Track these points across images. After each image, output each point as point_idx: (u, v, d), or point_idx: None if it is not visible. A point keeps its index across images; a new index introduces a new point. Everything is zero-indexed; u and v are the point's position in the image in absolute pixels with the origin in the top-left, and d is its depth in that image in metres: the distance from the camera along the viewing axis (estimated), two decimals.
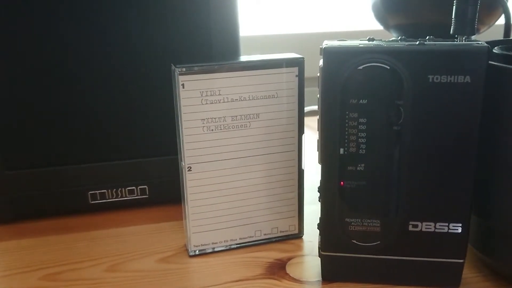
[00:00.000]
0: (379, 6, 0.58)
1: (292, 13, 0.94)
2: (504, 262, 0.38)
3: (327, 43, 0.35)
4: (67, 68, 0.47)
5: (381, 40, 0.36)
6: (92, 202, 0.51)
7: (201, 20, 0.49)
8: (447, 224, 0.37)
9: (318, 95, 0.36)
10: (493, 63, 0.35)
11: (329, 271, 0.40)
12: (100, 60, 0.48)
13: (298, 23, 0.93)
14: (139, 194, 0.52)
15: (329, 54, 0.35)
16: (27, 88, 0.47)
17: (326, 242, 0.39)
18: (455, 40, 0.35)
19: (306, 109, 0.44)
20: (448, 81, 0.34)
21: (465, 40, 0.35)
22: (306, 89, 0.43)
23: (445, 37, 0.36)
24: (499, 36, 0.54)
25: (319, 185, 0.38)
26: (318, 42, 0.41)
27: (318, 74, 0.36)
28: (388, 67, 0.34)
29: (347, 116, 0.35)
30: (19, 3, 0.45)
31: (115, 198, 0.52)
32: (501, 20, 0.56)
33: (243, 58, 0.43)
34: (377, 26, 0.62)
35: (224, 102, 0.41)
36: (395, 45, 0.34)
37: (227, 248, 0.45)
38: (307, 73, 0.42)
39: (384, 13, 0.58)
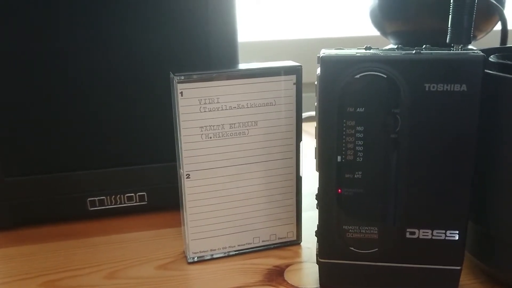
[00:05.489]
0: (376, 13, 0.58)
1: (290, 19, 0.94)
2: (501, 269, 0.38)
3: (324, 52, 0.35)
4: (66, 75, 0.48)
5: (378, 48, 0.36)
6: (91, 208, 0.51)
7: (199, 27, 0.49)
8: (444, 231, 0.37)
9: (315, 103, 0.36)
10: (489, 71, 0.35)
11: (327, 278, 0.40)
12: (99, 68, 0.48)
13: (296, 28, 0.94)
14: (138, 201, 0.52)
15: (327, 63, 0.35)
16: (26, 95, 0.47)
17: (324, 249, 0.39)
18: (452, 48, 0.35)
19: (304, 115, 0.45)
20: (445, 89, 0.34)
21: (461, 48, 0.35)
22: (304, 95, 0.43)
23: (443, 45, 0.36)
24: (497, 42, 0.55)
25: (317, 192, 0.38)
26: (316, 48, 0.42)
27: (316, 82, 0.36)
28: (385, 76, 0.34)
29: (344, 124, 0.36)
30: (18, 9, 0.45)
31: (114, 205, 0.52)
32: (499, 26, 0.56)
33: (242, 66, 0.44)
34: (375, 32, 0.62)
35: (222, 110, 0.41)
36: (392, 54, 0.35)
37: (226, 255, 0.45)
38: (305, 79, 0.43)
39: (381, 19, 0.58)
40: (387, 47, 0.41)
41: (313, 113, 0.37)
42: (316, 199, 0.38)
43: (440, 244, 0.37)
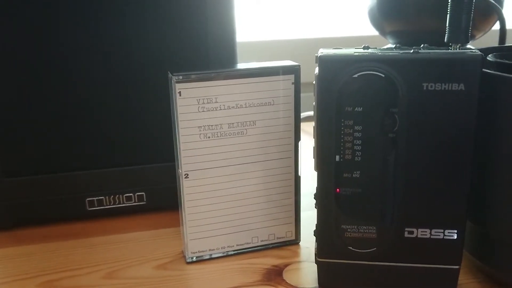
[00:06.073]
0: (375, 12, 0.58)
1: (288, 19, 0.94)
2: (500, 269, 0.38)
3: (322, 52, 0.35)
4: (65, 75, 0.48)
5: (376, 48, 0.36)
6: (90, 208, 0.51)
7: (198, 26, 0.49)
8: (442, 231, 0.37)
9: (314, 103, 0.36)
10: (486, 70, 0.35)
11: (325, 278, 0.40)
12: (98, 68, 0.48)
13: (294, 28, 0.94)
14: (136, 201, 0.52)
15: (325, 63, 0.35)
16: (25, 95, 0.47)
17: (323, 248, 0.39)
18: (450, 48, 0.35)
19: (302, 114, 0.45)
20: (443, 88, 0.34)
21: (459, 48, 0.35)
22: (302, 95, 0.43)
23: (441, 44, 0.36)
24: (495, 41, 0.55)
25: (315, 191, 0.38)
26: (314, 48, 0.42)
27: (314, 82, 0.36)
28: (383, 75, 0.34)
29: (342, 124, 0.36)
30: (18, 9, 0.45)
31: (112, 205, 0.52)
32: (497, 26, 0.56)
33: (240, 65, 0.44)
34: (373, 32, 0.62)
35: (220, 109, 0.41)
36: (390, 53, 0.35)
37: (224, 254, 0.45)
38: (303, 78, 0.43)
39: (380, 19, 0.58)
40: (385, 47, 0.41)
41: (311, 112, 0.37)
42: (314, 198, 0.38)
43: (438, 243, 0.37)
